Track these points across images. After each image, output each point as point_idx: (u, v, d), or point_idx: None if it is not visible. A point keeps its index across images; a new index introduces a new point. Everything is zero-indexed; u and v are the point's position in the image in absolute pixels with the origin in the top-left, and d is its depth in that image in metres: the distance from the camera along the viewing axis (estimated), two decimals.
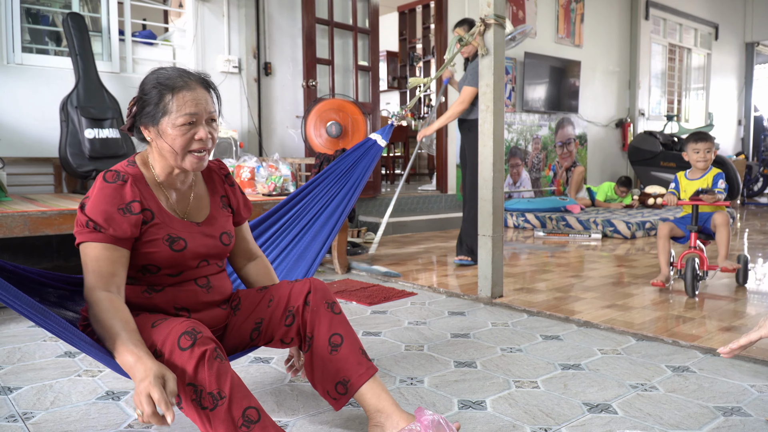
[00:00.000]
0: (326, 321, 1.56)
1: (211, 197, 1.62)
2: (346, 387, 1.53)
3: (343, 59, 5.88)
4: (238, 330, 1.63)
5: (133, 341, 1.27)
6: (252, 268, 1.77)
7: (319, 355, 1.54)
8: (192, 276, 1.53)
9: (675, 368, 2.11)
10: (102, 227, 1.37)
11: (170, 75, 1.45)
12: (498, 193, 3.09)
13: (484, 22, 3.05)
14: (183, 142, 1.43)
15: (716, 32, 10.38)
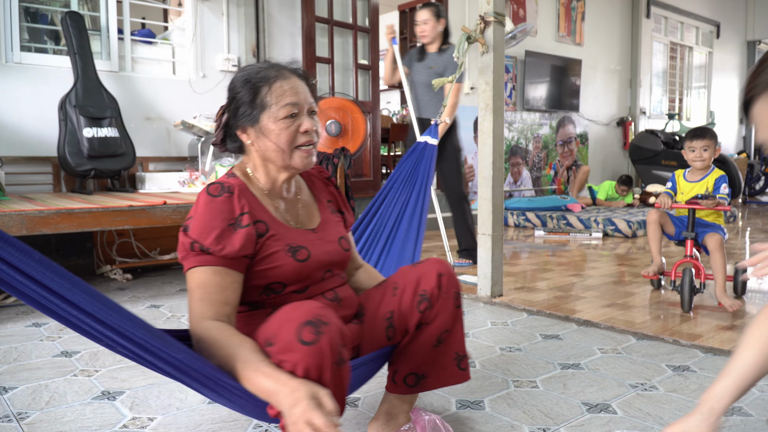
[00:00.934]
0: (449, 314, 1.43)
1: (319, 203, 1.49)
2: (418, 381, 1.47)
3: (343, 58, 5.86)
4: (371, 335, 1.45)
5: (264, 362, 1.06)
6: (361, 275, 1.62)
7: (421, 341, 1.44)
8: (319, 290, 1.38)
9: (675, 368, 2.09)
10: (209, 248, 1.20)
11: (261, 68, 1.33)
12: (498, 191, 3.08)
13: (484, 19, 3.03)
14: (288, 136, 1.30)
15: (718, 30, 10.35)
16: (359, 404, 1.80)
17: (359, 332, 1.45)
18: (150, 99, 4.45)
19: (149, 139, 4.42)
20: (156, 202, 3.09)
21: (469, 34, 2.89)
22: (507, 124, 7.25)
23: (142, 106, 4.39)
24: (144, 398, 1.83)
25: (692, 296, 2.79)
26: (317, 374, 1.05)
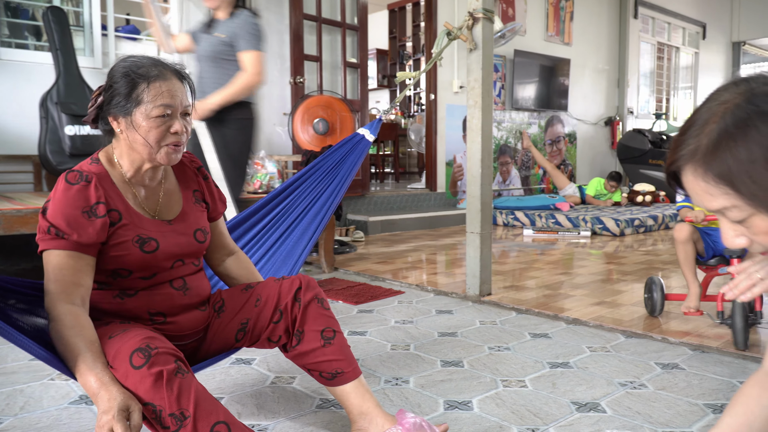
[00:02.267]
0: (317, 316, 1.51)
1: (183, 192, 1.53)
2: (334, 376, 1.51)
3: (331, 56, 5.82)
4: (223, 332, 1.55)
5: (99, 364, 1.17)
6: (231, 263, 1.68)
7: (311, 347, 1.50)
8: (166, 278, 1.44)
9: (664, 365, 2.08)
10: (65, 233, 1.27)
11: (143, 63, 1.35)
12: (486, 189, 3.05)
13: (473, 15, 3.01)
14: (157, 134, 1.34)
15: (704, 31, 10.41)
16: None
17: (206, 319, 1.53)
18: None
19: None
20: None
21: (450, 30, 2.85)
22: (496, 123, 7.24)
23: None
24: None
25: (748, 331, 2.23)
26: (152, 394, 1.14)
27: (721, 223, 0.91)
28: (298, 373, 2.01)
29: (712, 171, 0.85)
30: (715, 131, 0.85)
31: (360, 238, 5.23)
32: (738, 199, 0.85)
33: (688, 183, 0.90)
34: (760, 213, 0.84)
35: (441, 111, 6.64)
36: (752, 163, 0.82)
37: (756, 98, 0.83)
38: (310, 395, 1.83)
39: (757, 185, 0.82)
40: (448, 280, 3.54)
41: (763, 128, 0.81)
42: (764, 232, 0.86)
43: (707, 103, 0.88)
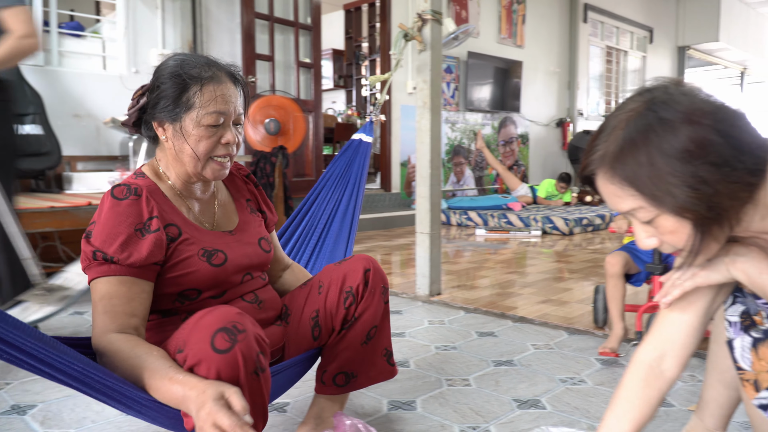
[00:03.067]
0: (376, 309, 1.41)
1: (237, 203, 1.41)
2: (348, 380, 1.44)
3: (284, 56, 5.78)
4: (296, 336, 1.40)
5: (172, 367, 1.00)
6: (289, 277, 1.56)
7: (350, 339, 1.40)
8: (237, 294, 1.31)
9: (604, 361, 2.13)
10: (114, 256, 1.11)
11: (196, 63, 1.22)
12: (435, 190, 3.07)
13: (422, 17, 3.02)
14: (208, 145, 1.21)
15: (651, 36, 10.74)
16: (288, 409, 1.75)
17: (283, 334, 1.40)
18: (78, 95, 4.26)
19: (77, 137, 4.23)
20: (80, 203, 2.95)
21: (406, 32, 2.87)
22: (450, 124, 7.31)
23: (69, 102, 4.20)
24: (57, 411, 1.73)
25: None
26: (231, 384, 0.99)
27: (633, 225, 0.95)
28: None
29: (618, 174, 0.89)
30: (620, 137, 0.89)
31: None
32: (643, 201, 0.88)
33: (600, 186, 0.93)
34: (664, 213, 0.88)
35: (395, 112, 6.66)
36: (652, 166, 0.86)
37: (656, 106, 0.87)
38: None
39: (657, 187, 0.86)
40: (399, 281, 3.55)
41: (662, 133, 0.85)
42: (670, 232, 0.90)
43: (616, 111, 0.92)
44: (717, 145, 0.84)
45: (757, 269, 0.93)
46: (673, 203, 0.86)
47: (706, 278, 1.01)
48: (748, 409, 0.91)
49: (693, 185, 0.84)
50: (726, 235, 0.91)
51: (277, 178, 4.14)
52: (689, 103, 0.86)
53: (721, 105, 0.87)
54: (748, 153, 0.85)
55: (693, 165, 0.84)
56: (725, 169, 0.84)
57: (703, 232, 0.88)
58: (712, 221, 0.87)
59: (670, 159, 0.84)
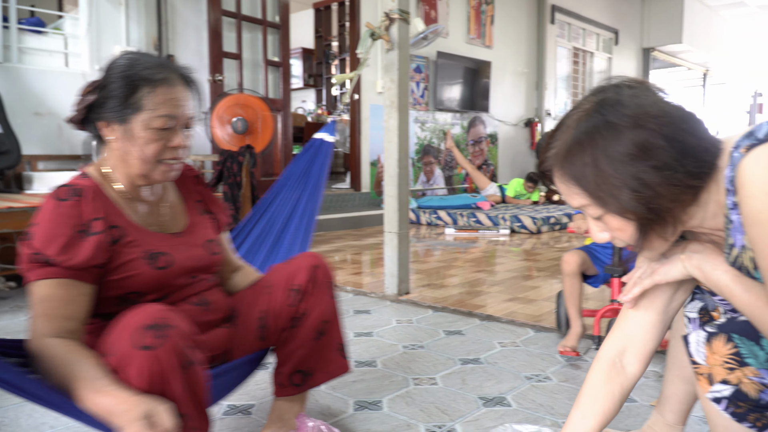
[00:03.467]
0: (325, 304, 1.41)
1: (186, 204, 1.39)
2: (305, 379, 1.43)
3: (252, 54, 5.72)
4: (243, 338, 1.39)
5: (103, 377, 0.98)
6: (239, 278, 1.53)
7: (301, 336, 1.40)
8: (182, 296, 1.29)
9: (569, 358, 2.16)
10: (53, 259, 1.08)
11: (148, 64, 1.19)
12: (403, 189, 3.08)
13: (389, 16, 3.02)
14: (156, 148, 1.19)
15: (616, 37, 10.92)
16: (252, 411, 1.73)
17: (230, 336, 1.39)
18: (39, 93, 4.15)
19: (38, 135, 4.12)
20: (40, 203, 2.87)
21: (373, 31, 2.86)
22: (420, 124, 7.33)
23: (30, 100, 4.09)
24: (15, 418, 1.68)
25: None
26: (161, 381, 0.98)
27: (587, 220, 0.97)
28: None
29: (567, 173, 0.91)
30: (571, 137, 0.90)
31: None
32: (589, 199, 0.90)
33: (556, 183, 0.95)
34: (609, 213, 0.90)
35: (365, 111, 6.66)
36: (596, 167, 0.87)
37: (604, 108, 0.88)
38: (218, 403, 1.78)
39: (600, 188, 0.88)
40: (368, 280, 3.55)
41: (607, 136, 0.87)
42: (618, 229, 0.92)
43: (572, 110, 0.93)
44: (660, 149, 0.85)
45: (711, 265, 0.94)
46: (616, 204, 0.88)
47: (664, 275, 1.03)
48: (703, 403, 0.93)
49: (634, 188, 0.86)
50: (672, 233, 0.93)
51: (244, 178, 4.09)
52: (636, 106, 0.87)
53: (669, 108, 0.88)
54: (691, 156, 0.86)
55: (635, 168, 0.85)
56: (666, 172, 0.85)
57: (646, 232, 0.90)
58: (653, 222, 0.89)
59: (613, 162, 0.86)
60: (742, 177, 0.82)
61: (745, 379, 0.87)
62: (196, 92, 1.27)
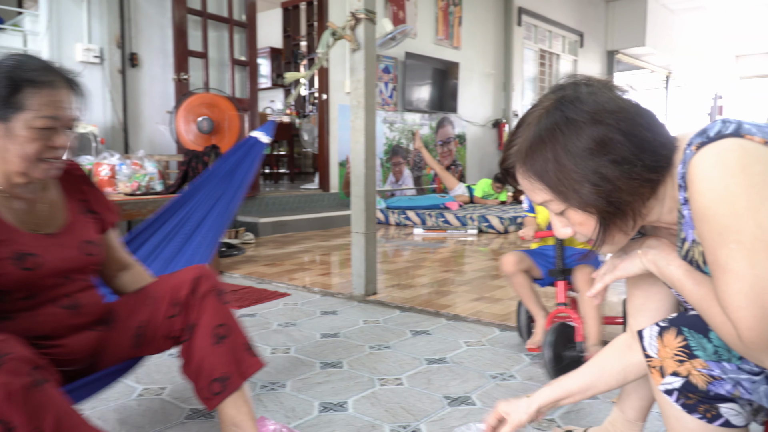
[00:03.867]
0: (213, 309, 1.41)
1: (68, 203, 1.38)
2: (225, 385, 1.41)
3: (218, 53, 5.65)
4: (116, 342, 1.40)
5: None
6: (126, 277, 1.52)
7: (200, 346, 1.39)
8: (51, 297, 1.28)
9: (533, 356, 2.18)
10: None
11: (32, 66, 1.21)
12: (370, 189, 3.07)
13: (355, 16, 3.01)
14: (37, 148, 1.19)
15: (581, 40, 11.10)
16: (215, 414, 1.70)
17: (99, 339, 1.38)
18: None
19: None
20: None
21: (334, 30, 2.85)
22: (388, 124, 7.34)
23: None
24: None
25: (557, 369, 1.90)
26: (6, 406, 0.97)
27: (550, 216, 0.98)
28: (168, 383, 1.92)
29: (529, 169, 0.92)
30: (532, 133, 0.91)
31: (250, 240, 5.11)
32: (551, 195, 0.91)
33: (519, 179, 0.96)
34: (571, 207, 0.91)
35: (333, 111, 6.63)
36: (558, 163, 0.88)
37: (563, 105, 0.90)
38: (179, 406, 1.75)
39: (562, 183, 0.89)
40: (335, 281, 3.53)
41: (567, 132, 0.88)
42: (579, 223, 0.94)
43: (532, 108, 0.95)
44: (618, 144, 0.87)
45: (665, 260, 0.96)
46: (577, 198, 0.90)
47: (625, 270, 1.05)
48: (656, 395, 0.94)
49: (594, 182, 0.88)
50: (632, 226, 0.95)
51: None
52: (594, 102, 0.89)
53: (626, 104, 0.91)
54: (648, 151, 0.89)
55: (595, 162, 0.87)
56: (625, 166, 0.87)
57: (606, 225, 0.92)
58: (614, 215, 0.91)
59: (573, 157, 0.88)
60: (692, 174, 0.84)
61: (695, 371, 0.89)
62: (81, 95, 1.29)
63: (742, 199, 0.79)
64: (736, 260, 0.79)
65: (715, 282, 0.82)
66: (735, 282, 0.79)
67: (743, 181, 0.79)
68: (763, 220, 0.77)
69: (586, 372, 1.17)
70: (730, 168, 0.80)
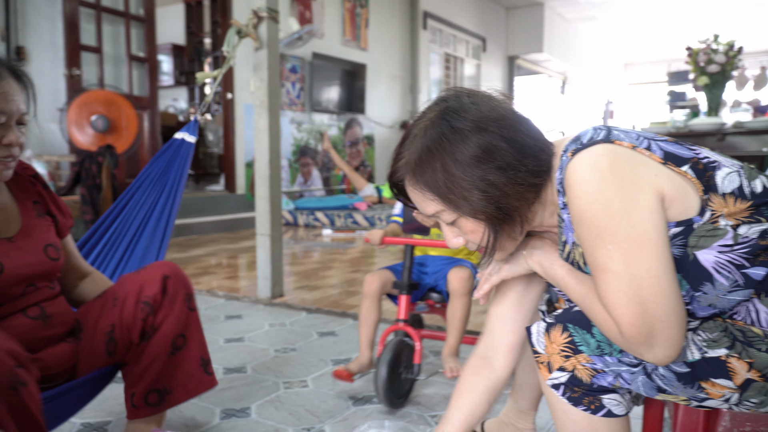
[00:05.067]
0: (178, 317, 1.33)
1: (21, 205, 1.28)
2: (162, 398, 1.32)
3: (114, 48, 5.37)
4: (89, 352, 1.29)
5: None
6: (87, 286, 1.43)
7: (153, 351, 1.30)
8: (18, 307, 1.19)
9: (437, 353, 2.23)
10: None
11: None
12: (275, 191, 3.03)
13: (257, 14, 2.96)
14: None
15: (484, 45, 11.49)
16: (109, 428, 1.62)
17: (74, 352, 1.29)
18: None
19: None
20: None
21: (240, 28, 2.79)
22: (296, 125, 7.27)
23: None
24: None
25: (390, 389, 1.69)
26: None
27: (441, 227, 1.01)
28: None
29: (419, 181, 0.95)
30: (420, 145, 0.94)
31: None
32: (442, 205, 0.94)
33: (409, 192, 0.98)
34: (462, 216, 0.94)
35: (239, 111, 6.49)
36: (446, 172, 0.92)
37: (448, 115, 0.93)
38: (69, 421, 1.65)
39: (451, 192, 0.92)
40: (241, 284, 3.46)
41: (454, 141, 0.91)
42: (470, 231, 0.97)
43: (417, 120, 0.98)
44: (502, 150, 0.91)
45: (549, 261, 1.01)
46: (467, 206, 0.92)
47: (510, 271, 1.09)
48: (544, 389, 0.99)
49: (483, 189, 0.91)
50: (520, 231, 0.99)
51: (104, 180, 3.83)
52: (477, 111, 0.93)
53: (506, 112, 0.95)
54: (530, 156, 0.93)
55: (481, 170, 0.90)
56: (510, 172, 0.91)
57: (496, 231, 0.95)
58: (502, 221, 0.94)
59: (461, 165, 0.91)
60: (569, 179, 0.89)
61: (579, 366, 0.94)
62: (29, 88, 1.20)
63: (615, 201, 0.84)
64: (614, 260, 0.84)
65: (596, 281, 0.87)
66: (614, 281, 0.84)
67: (615, 184, 0.84)
68: (636, 221, 0.83)
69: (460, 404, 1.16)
70: (603, 172, 0.85)
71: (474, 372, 1.17)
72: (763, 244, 0.86)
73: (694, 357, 0.89)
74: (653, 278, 0.82)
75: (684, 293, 0.89)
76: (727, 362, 0.87)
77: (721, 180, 0.87)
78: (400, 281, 1.86)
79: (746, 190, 0.87)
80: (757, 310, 0.90)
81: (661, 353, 0.83)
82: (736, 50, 4.76)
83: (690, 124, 4.84)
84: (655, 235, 0.83)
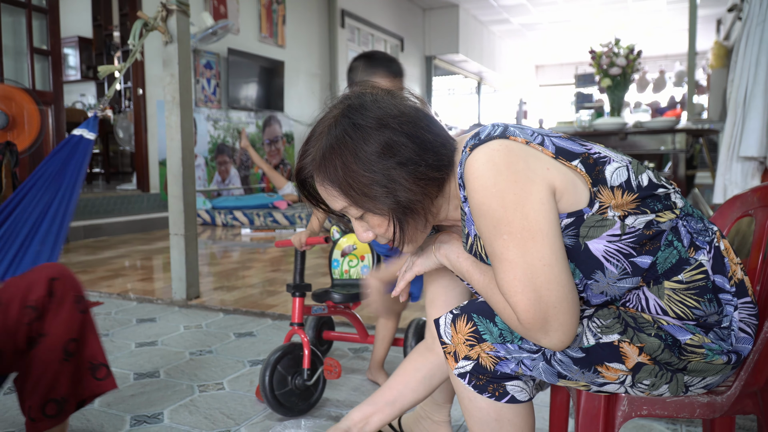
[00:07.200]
0: (69, 321, 1.24)
1: None
2: (61, 408, 1.24)
3: (13, 40, 5.04)
4: None
5: None
6: None
7: (45, 359, 1.20)
8: None
9: (355, 350, 2.24)
10: None
11: None
12: (189, 189, 2.95)
13: (166, 7, 2.87)
14: None
15: (402, 44, 11.62)
16: None
17: None
18: None
19: None
20: None
21: (146, 21, 2.70)
22: (212, 122, 7.08)
23: None
24: None
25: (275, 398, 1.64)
26: None
27: (352, 221, 1.02)
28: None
29: (325, 178, 0.96)
30: (324, 142, 0.96)
31: None
32: (347, 201, 0.96)
33: (317, 187, 1.00)
34: (367, 211, 0.97)
35: (151, 107, 6.25)
36: (349, 169, 0.94)
37: (351, 112, 0.96)
38: None
39: (354, 188, 0.94)
40: (155, 286, 3.34)
41: (356, 138, 0.94)
42: (378, 225, 0.99)
43: (322, 118, 0.99)
44: (403, 146, 0.94)
45: (455, 254, 1.05)
46: (371, 201, 0.95)
47: (422, 266, 1.12)
48: (451, 379, 1.02)
49: (385, 184, 0.93)
50: (426, 225, 1.02)
51: (4, 179, 3.58)
52: (378, 108, 0.96)
53: (407, 109, 0.98)
54: (431, 151, 0.96)
55: (383, 165, 0.93)
56: (411, 167, 0.94)
57: (402, 225, 0.98)
58: (406, 214, 0.97)
59: (363, 162, 0.93)
60: (467, 173, 0.92)
61: (483, 354, 0.97)
62: None
63: (509, 193, 0.88)
64: (509, 249, 0.88)
65: (495, 271, 0.91)
66: (510, 270, 0.88)
67: (509, 177, 0.89)
68: (529, 212, 0.87)
69: (392, 383, 1.26)
70: (498, 166, 0.89)
71: (417, 355, 1.26)
72: (648, 234, 0.92)
73: (590, 342, 0.94)
74: (546, 266, 0.86)
75: (578, 281, 0.95)
76: (620, 347, 0.93)
77: (610, 174, 0.93)
78: (291, 284, 1.80)
79: (633, 183, 0.93)
80: (647, 297, 0.97)
81: (556, 338, 0.88)
82: (636, 53, 5.07)
83: (595, 123, 5.11)
84: (547, 226, 0.88)
